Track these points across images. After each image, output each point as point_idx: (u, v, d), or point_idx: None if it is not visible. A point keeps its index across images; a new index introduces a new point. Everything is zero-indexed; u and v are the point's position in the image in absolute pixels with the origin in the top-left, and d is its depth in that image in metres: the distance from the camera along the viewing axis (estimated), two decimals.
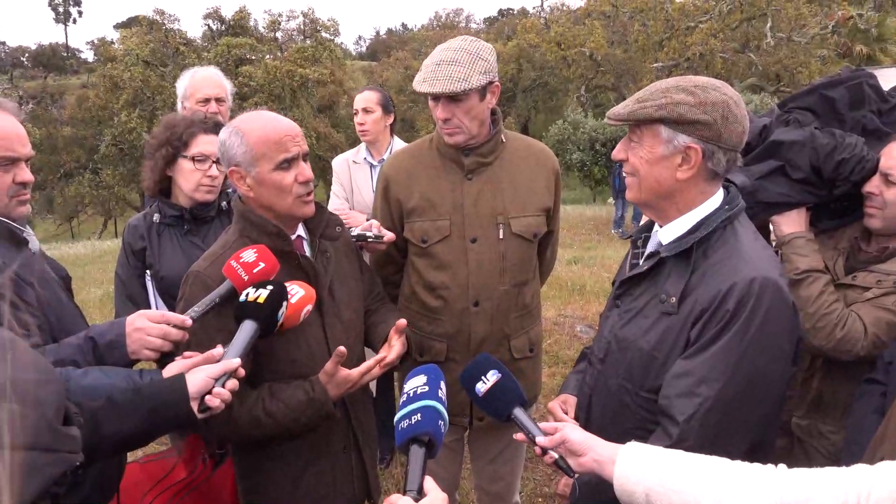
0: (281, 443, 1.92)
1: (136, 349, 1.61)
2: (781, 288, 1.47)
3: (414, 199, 2.32)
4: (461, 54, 2.14)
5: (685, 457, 1.31)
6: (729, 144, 1.51)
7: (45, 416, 0.80)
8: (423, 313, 2.38)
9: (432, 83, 2.13)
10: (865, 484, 1.05)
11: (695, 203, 1.57)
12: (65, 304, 1.79)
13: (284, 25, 32.81)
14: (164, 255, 2.44)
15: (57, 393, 0.84)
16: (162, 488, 2.24)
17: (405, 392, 1.33)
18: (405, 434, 1.25)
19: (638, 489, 1.29)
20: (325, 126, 27.69)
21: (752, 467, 1.24)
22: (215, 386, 1.50)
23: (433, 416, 1.27)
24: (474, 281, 2.29)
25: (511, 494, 2.70)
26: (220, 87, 3.17)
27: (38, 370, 0.84)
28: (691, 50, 22.52)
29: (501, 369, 1.57)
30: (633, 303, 1.65)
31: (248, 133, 1.79)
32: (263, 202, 1.84)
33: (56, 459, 0.81)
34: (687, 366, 1.47)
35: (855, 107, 2.08)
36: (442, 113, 2.19)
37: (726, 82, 1.59)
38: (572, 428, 1.47)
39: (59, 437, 0.82)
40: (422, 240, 2.32)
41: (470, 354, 2.32)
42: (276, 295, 1.65)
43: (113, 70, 26.43)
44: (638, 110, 1.53)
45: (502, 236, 2.30)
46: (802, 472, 1.19)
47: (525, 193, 2.35)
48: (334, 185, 3.85)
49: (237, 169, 1.81)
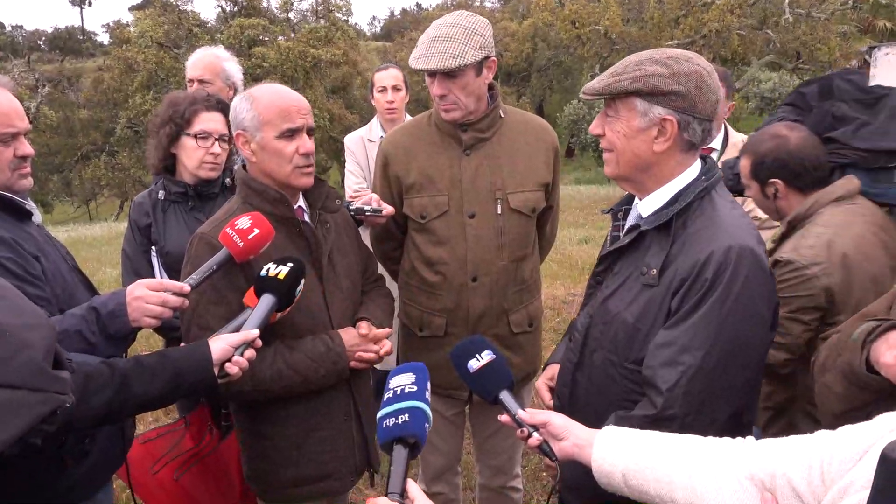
0: (284, 408, 1.98)
1: (136, 317, 1.65)
2: (758, 255, 1.49)
3: (412, 175, 2.34)
4: (456, 30, 2.15)
5: (659, 436, 1.35)
6: (703, 114, 1.52)
7: (33, 358, 0.85)
8: (423, 288, 2.41)
9: (427, 60, 2.15)
10: (828, 449, 1.08)
11: (673, 174, 1.58)
12: (67, 277, 1.83)
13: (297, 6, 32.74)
14: (168, 231, 2.49)
15: (46, 337, 0.89)
16: (169, 458, 2.31)
17: (390, 388, 1.32)
18: (390, 433, 1.24)
19: (615, 470, 1.33)
20: (339, 107, 27.62)
21: (722, 441, 1.28)
22: (234, 354, 1.59)
23: (420, 418, 1.25)
24: (472, 256, 2.31)
25: (512, 468, 2.74)
26: (205, 69, 3.10)
27: (25, 314, 0.89)
28: (707, 27, 22.13)
29: (496, 351, 1.59)
30: (616, 276, 1.66)
31: (258, 100, 1.87)
32: (264, 168, 1.91)
33: (45, 399, 0.86)
34: (669, 335, 1.49)
35: (823, 97, 2.17)
36: (438, 89, 2.20)
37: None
38: (555, 414, 1.50)
39: (49, 379, 0.87)
40: (420, 216, 2.34)
41: (469, 329, 2.36)
42: (296, 272, 1.72)
43: (127, 52, 26.49)
44: (613, 84, 1.54)
45: (500, 211, 2.32)
46: (769, 442, 1.22)
47: (523, 168, 2.36)
48: (349, 164, 3.84)
49: (243, 133, 1.89)
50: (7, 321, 0.85)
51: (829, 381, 1.49)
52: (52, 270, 1.77)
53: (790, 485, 1.10)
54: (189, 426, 2.40)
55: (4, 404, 0.82)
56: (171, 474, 2.27)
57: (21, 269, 1.66)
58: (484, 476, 2.77)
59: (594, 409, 1.63)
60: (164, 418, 4.12)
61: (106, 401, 1.46)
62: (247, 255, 1.79)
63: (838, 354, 1.46)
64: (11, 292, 0.91)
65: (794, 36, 22.62)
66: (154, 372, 1.54)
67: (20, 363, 0.84)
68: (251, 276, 1.81)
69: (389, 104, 3.73)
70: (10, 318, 0.86)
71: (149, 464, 2.27)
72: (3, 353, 0.83)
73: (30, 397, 0.84)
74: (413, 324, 2.47)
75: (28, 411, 0.84)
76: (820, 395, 1.55)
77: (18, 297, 0.92)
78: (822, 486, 1.05)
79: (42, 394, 0.86)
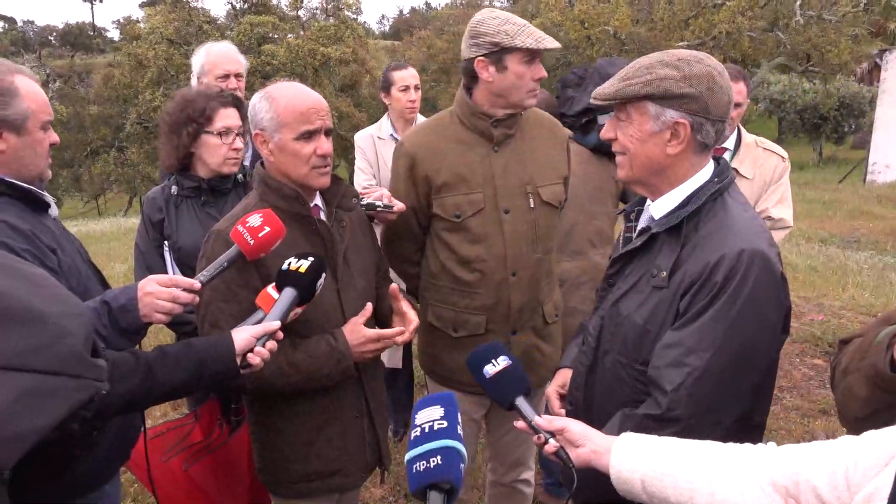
0: (295, 403, 1.99)
1: (147, 312, 1.67)
2: (770, 259, 1.48)
3: (443, 175, 2.31)
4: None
5: (678, 443, 1.33)
6: (716, 115, 1.52)
7: (73, 345, 0.87)
8: (457, 288, 2.38)
9: (543, 40, 2.16)
10: (853, 454, 1.06)
11: (686, 176, 1.58)
12: (82, 270, 1.85)
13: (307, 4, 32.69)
14: (181, 226, 2.50)
15: (85, 325, 0.91)
16: (179, 449, 2.33)
17: (418, 425, 1.22)
18: (423, 479, 1.13)
19: (634, 477, 1.31)
20: (348, 105, 27.63)
21: (743, 447, 1.26)
22: (256, 345, 1.61)
23: (455, 459, 1.14)
24: (510, 252, 2.33)
25: (529, 457, 2.75)
26: (237, 62, 3.21)
27: (67, 303, 0.91)
28: (718, 28, 22.05)
29: (512, 357, 1.57)
30: (627, 278, 1.67)
31: (277, 100, 1.88)
32: (281, 168, 1.92)
33: (84, 385, 0.89)
34: (676, 336, 1.50)
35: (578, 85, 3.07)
36: (541, 71, 2.23)
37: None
38: (573, 420, 1.49)
39: (87, 366, 0.89)
40: (455, 214, 2.32)
41: (509, 325, 2.38)
42: (316, 266, 1.74)
43: (137, 48, 26.58)
44: (624, 88, 1.53)
45: (533, 205, 2.35)
46: (792, 448, 1.20)
47: (546, 162, 2.40)
48: (359, 161, 3.83)
49: (262, 133, 1.90)
50: (49, 309, 0.87)
51: (851, 385, 1.48)
52: (69, 263, 1.78)
53: (814, 492, 1.08)
54: (199, 419, 2.42)
55: (47, 390, 0.84)
56: (181, 465, 2.29)
57: (38, 261, 1.67)
58: (497, 473, 2.76)
59: (607, 412, 1.63)
60: (172, 413, 4.14)
61: (131, 388, 1.49)
62: (257, 253, 1.80)
63: (861, 358, 1.45)
64: (51, 282, 0.94)
65: (804, 38, 22.52)
66: (178, 361, 1.57)
67: (61, 350, 0.86)
68: (266, 275, 1.82)
69: (412, 103, 3.73)
70: (51, 306, 0.88)
71: (158, 456, 2.29)
72: (45, 340, 0.85)
73: (70, 383, 0.87)
74: (445, 325, 2.43)
75: (68, 397, 0.87)
76: (842, 399, 1.54)
77: (58, 287, 0.94)
78: (847, 493, 1.04)
79: (81, 380, 0.88)
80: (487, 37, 2.16)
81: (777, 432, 4.00)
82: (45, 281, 0.93)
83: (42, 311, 0.86)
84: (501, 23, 2.16)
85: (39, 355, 0.84)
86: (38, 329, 0.85)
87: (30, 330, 0.84)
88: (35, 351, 0.84)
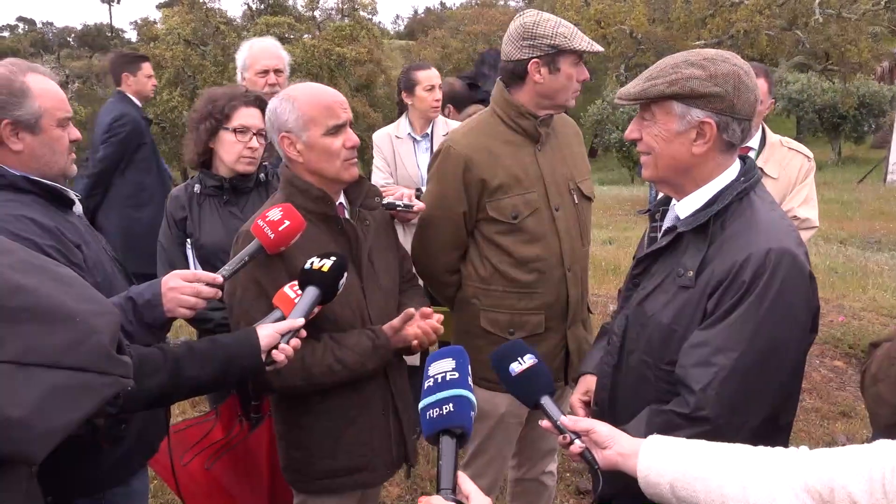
0: (323, 399, 2.00)
1: (171, 307, 1.69)
2: (797, 258, 1.47)
3: (499, 177, 2.29)
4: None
5: (707, 445, 1.31)
6: (742, 114, 1.51)
7: (101, 343, 0.90)
8: (513, 290, 2.35)
9: (593, 43, 2.25)
10: (890, 459, 1.04)
11: (711, 176, 1.57)
12: (107, 266, 1.87)
13: (322, 4, 32.92)
14: (203, 224, 2.52)
15: (112, 324, 0.94)
16: (200, 448, 2.35)
17: (430, 376, 1.28)
18: (436, 425, 1.20)
19: (662, 481, 1.29)
20: (363, 105, 27.73)
21: (775, 451, 1.24)
22: (281, 342, 1.63)
23: (466, 407, 1.21)
24: (565, 248, 2.36)
25: (553, 450, 2.75)
26: (277, 57, 3.24)
27: (94, 302, 0.94)
28: (735, 27, 21.89)
29: (537, 356, 1.56)
30: (653, 278, 1.66)
31: (299, 100, 1.90)
32: (312, 167, 1.93)
33: (110, 381, 0.91)
34: (703, 336, 1.49)
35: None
36: (586, 73, 2.29)
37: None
38: (599, 422, 1.48)
39: (114, 363, 0.92)
40: (512, 216, 2.30)
41: (566, 321, 2.41)
42: (339, 265, 1.75)
43: (155, 49, 26.82)
44: (649, 88, 1.53)
45: (577, 201, 2.40)
46: (826, 452, 1.18)
47: (577, 158, 2.48)
48: (376, 160, 3.85)
49: (288, 135, 1.91)
50: (78, 308, 0.89)
51: (881, 392, 1.46)
52: (94, 259, 1.80)
53: (850, 498, 1.06)
54: (220, 416, 2.44)
55: (76, 386, 0.87)
56: (203, 464, 2.31)
57: (64, 257, 1.69)
58: (522, 469, 2.76)
59: (631, 412, 1.62)
60: (191, 411, 4.17)
61: (159, 384, 1.52)
62: (278, 246, 1.81)
63: (891, 364, 1.43)
64: (79, 281, 0.96)
65: (824, 37, 22.29)
66: (205, 357, 1.59)
67: (89, 348, 0.88)
68: (293, 273, 1.82)
69: (437, 102, 3.74)
70: (80, 304, 0.90)
71: (179, 453, 2.30)
72: (74, 337, 0.87)
73: (97, 380, 0.89)
74: (501, 329, 2.39)
75: (96, 393, 0.89)
76: (873, 405, 1.52)
77: (85, 286, 0.96)
78: (884, 500, 1.02)
79: (108, 377, 0.90)
80: (546, 39, 2.17)
81: (797, 434, 3.96)
82: (73, 280, 0.95)
83: (71, 310, 0.89)
84: (556, 25, 2.19)
85: (69, 353, 0.86)
86: (67, 327, 0.87)
87: (60, 328, 0.87)
88: (65, 348, 0.86)
